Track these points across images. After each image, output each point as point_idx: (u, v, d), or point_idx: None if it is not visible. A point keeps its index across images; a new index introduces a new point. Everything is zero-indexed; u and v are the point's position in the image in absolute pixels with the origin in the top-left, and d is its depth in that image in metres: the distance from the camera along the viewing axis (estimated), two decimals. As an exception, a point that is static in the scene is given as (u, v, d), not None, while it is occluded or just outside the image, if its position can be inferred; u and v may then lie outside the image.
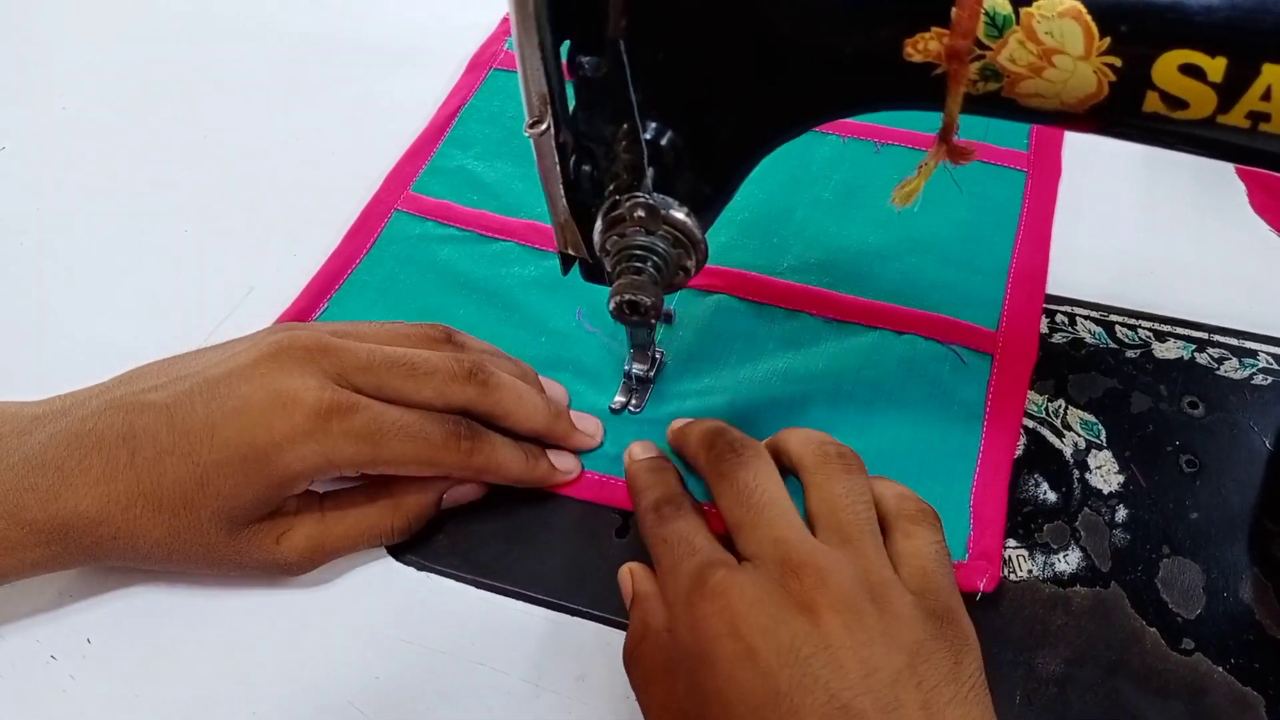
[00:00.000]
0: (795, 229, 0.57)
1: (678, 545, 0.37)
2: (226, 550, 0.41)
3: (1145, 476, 0.46)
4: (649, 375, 0.50)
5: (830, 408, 0.49)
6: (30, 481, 0.39)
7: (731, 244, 0.56)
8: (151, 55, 0.74)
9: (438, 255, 0.57)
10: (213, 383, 0.41)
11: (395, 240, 0.58)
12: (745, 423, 0.45)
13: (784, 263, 0.55)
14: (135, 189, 0.64)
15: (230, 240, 0.60)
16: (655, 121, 0.38)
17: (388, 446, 0.41)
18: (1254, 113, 0.31)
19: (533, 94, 0.36)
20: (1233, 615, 0.42)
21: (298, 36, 0.74)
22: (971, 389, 0.49)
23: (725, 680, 0.32)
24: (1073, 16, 0.31)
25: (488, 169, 0.61)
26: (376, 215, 0.59)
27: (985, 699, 0.33)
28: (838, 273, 0.54)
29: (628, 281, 0.40)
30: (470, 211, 0.59)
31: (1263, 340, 0.51)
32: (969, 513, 0.45)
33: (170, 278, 0.58)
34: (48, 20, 0.79)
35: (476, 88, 0.67)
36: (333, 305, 0.55)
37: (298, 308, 0.55)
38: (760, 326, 0.52)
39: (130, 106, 0.70)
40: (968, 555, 0.43)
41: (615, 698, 0.41)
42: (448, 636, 0.43)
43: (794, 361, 0.51)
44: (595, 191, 0.40)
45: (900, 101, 0.36)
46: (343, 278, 0.56)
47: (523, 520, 0.46)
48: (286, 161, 0.65)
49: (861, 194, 0.59)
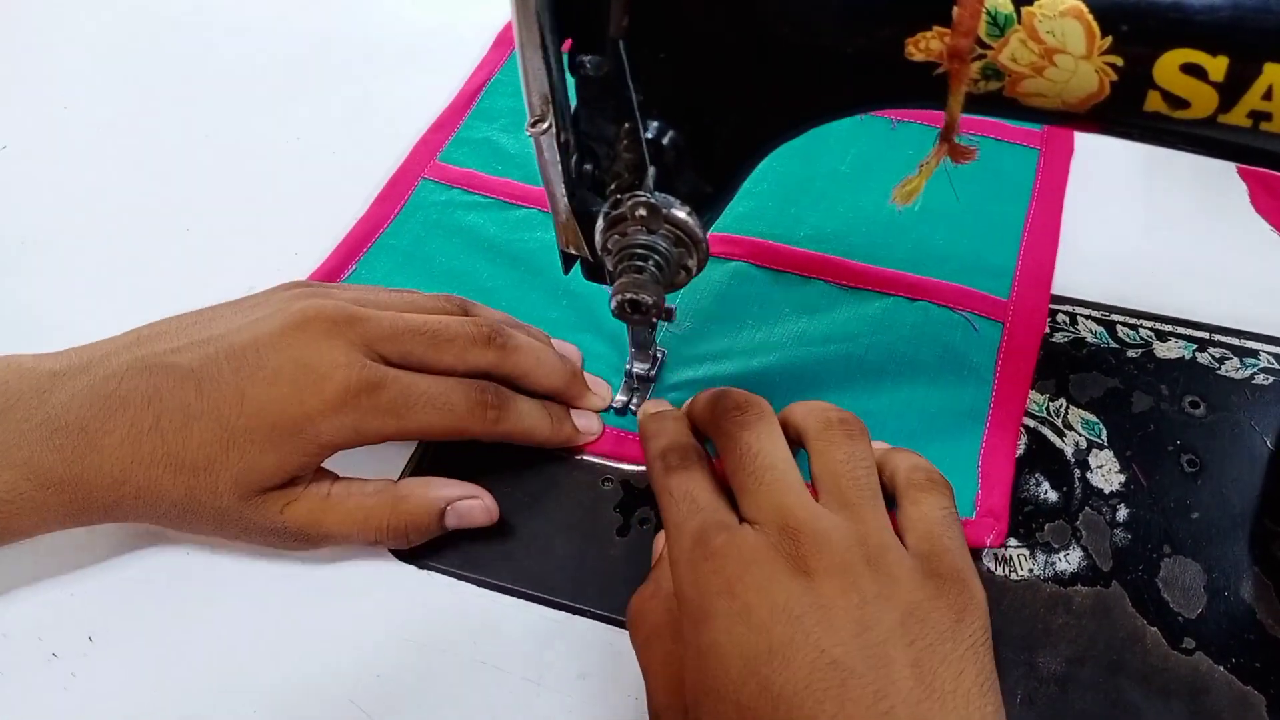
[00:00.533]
0: (812, 200, 0.59)
1: (681, 500, 0.38)
2: (236, 514, 0.42)
3: (1146, 476, 0.46)
4: (650, 374, 0.50)
5: (844, 370, 0.50)
6: (55, 443, 0.40)
7: (750, 214, 0.58)
8: (152, 55, 0.74)
9: (463, 221, 0.59)
10: (239, 350, 0.42)
11: (422, 207, 0.60)
12: (760, 385, 0.46)
13: (800, 232, 0.57)
14: (137, 188, 0.64)
15: (232, 240, 0.60)
16: (656, 121, 0.38)
17: (414, 418, 0.42)
18: (1255, 112, 0.31)
19: (534, 93, 0.36)
20: (1234, 615, 0.42)
21: (299, 34, 0.74)
22: (982, 354, 0.50)
23: (721, 634, 0.33)
24: (1074, 15, 0.31)
25: (512, 141, 0.63)
26: (404, 183, 0.61)
27: (984, 658, 0.33)
28: (853, 242, 0.56)
29: (629, 280, 0.40)
30: (495, 180, 0.61)
31: (1264, 340, 0.51)
32: (977, 471, 0.46)
33: (171, 277, 0.58)
34: (48, 20, 0.79)
35: (501, 64, 0.69)
36: (361, 267, 0.57)
37: (328, 267, 0.57)
38: (776, 292, 0.54)
39: (131, 106, 0.70)
40: (975, 512, 0.44)
41: (617, 696, 0.41)
42: (449, 635, 0.43)
43: (809, 326, 0.52)
44: (597, 190, 0.40)
45: (902, 101, 0.36)
46: (370, 241, 0.58)
47: (523, 519, 0.46)
48: (288, 161, 0.65)
49: (877, 167, 0.60)
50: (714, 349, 0.51)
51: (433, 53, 0.71)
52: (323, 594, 0.44)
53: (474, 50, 0.71)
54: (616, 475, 0.47)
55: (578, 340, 0.52)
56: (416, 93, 0.68)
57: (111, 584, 0.45)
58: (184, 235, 0.61)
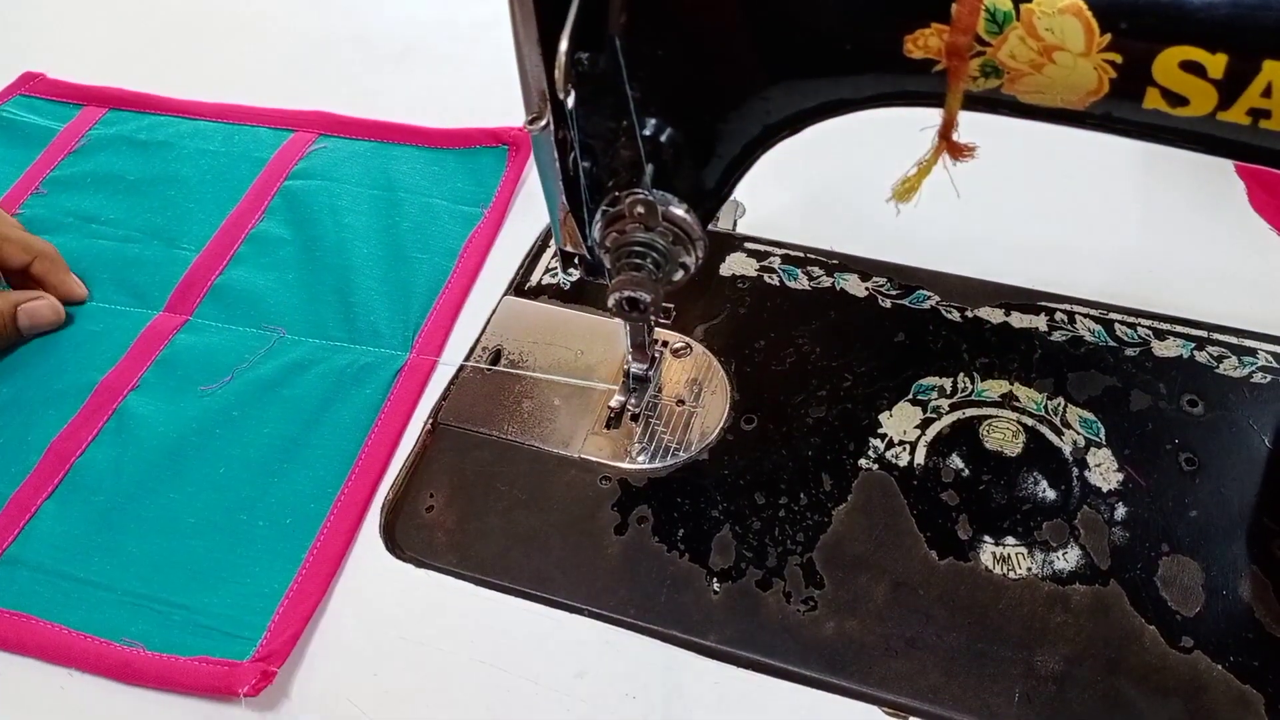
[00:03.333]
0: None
1: None
2: None
3: (1144, 474, 0.46)
4: (647, 374, 0.50)
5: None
6: None
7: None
8: (152, 54, 0.74)
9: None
10: None
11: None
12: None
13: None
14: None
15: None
16: (654, 118, 0.38)
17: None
18: (1254, 109, 0.31)
19: (531, 90, 0.36)
20: (1232, 613, 0.42)
21: (300, 34, 0.74)
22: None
23: None
24: (1073, 13, 0.31)
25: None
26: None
27: None
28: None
29: (627, 278, 0.40)
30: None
31: (1262, 338, 0.51)
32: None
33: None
34: (49, 20, 0.79)
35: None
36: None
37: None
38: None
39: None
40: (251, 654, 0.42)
41: (615, 695, 0.41)
42: (447, 634, 0.43)
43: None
44: (595, 188, 0.40)
45: (900, 98, 0.36)
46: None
47: (522, 518, 0.46)
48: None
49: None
50: None
51: (432, 50, 0.72)
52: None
53: (474, 47, 0.71)
54: (614, 474, 0.47)
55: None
56: (417, 92, 0.68)
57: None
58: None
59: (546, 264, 0.57)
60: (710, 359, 0.52)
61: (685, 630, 0.42)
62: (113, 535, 0.47)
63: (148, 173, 0.64)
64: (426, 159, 0.64)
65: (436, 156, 0.64)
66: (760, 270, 0.56)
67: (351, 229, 0.60)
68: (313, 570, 0.45)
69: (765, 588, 0.43)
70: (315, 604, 0.44)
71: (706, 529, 0.45)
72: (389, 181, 0.63)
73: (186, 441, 0.50)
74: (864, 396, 0.50)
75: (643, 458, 0.48)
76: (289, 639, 0.42)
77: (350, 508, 0.47)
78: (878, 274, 0.55)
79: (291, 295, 0.57)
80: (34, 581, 0.45)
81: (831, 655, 0.41)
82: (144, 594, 0.45)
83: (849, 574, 0.43)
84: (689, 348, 0.52)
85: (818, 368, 0.51)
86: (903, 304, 0.54)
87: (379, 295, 0.56)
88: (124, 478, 0.49)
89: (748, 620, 0.42)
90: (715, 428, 0.49)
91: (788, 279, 0.55)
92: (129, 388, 0.52)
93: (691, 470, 0.47)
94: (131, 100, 0.70)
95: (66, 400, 0.52)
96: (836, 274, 0.55)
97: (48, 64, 0.72)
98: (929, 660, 0.41)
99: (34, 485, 0.49)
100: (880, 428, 0.48)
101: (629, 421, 0.49)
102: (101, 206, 0.62)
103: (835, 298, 0.54)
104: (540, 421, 0.50)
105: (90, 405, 0.52)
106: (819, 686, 0.41)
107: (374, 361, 0.53)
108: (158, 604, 0.44)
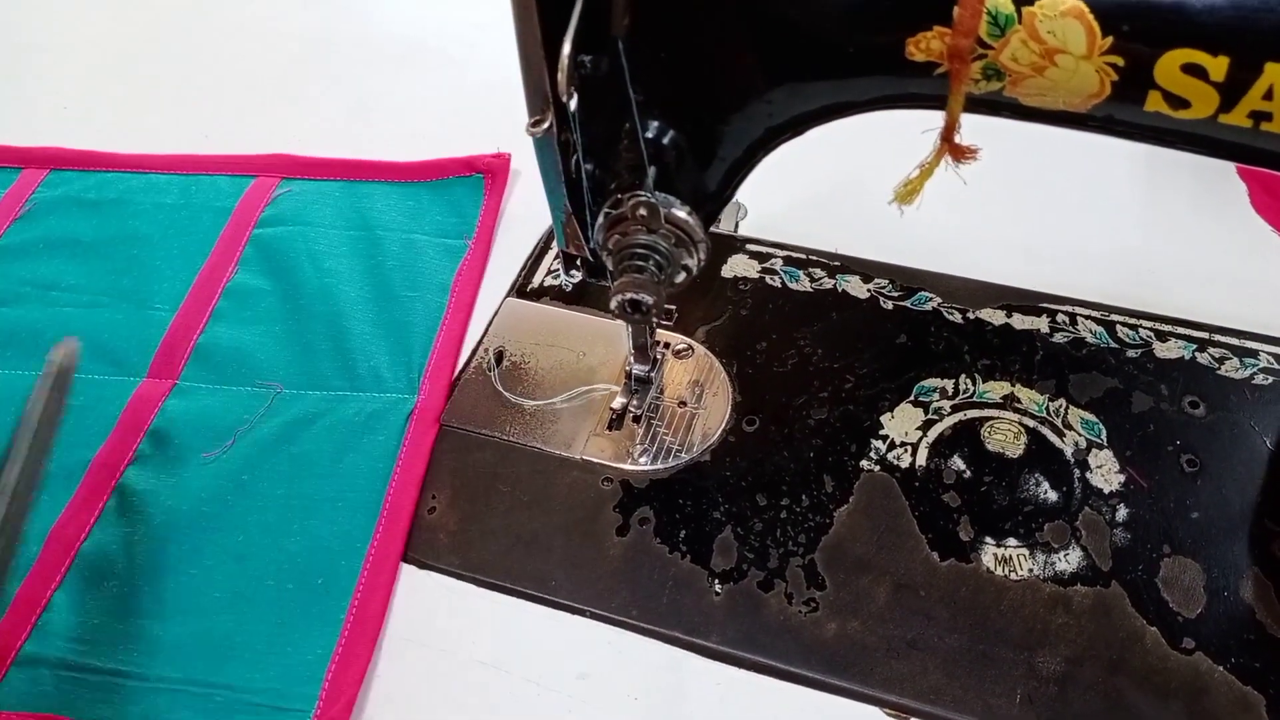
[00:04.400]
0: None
1: None
2: None
3: (1146, 476, 0.46)
4: (649, 375, 0.50)
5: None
6: None
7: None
8: (151, 55, 0.74)
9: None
10: None
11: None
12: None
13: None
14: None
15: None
16: (657, 120, 0.38)
17: None
18: (1256, 112, 0.31)
19: (534, 92, 0.36)
20: (1233, 615, 0.42)
21: (299, 35, 0.74)
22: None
23: None
24: (1075, 16, 0.31)
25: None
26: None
27: None
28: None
29: (629, 280, 0.40)
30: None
31: (1263, 340, 0.51)
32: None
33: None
34: (49, 20, 0.79)
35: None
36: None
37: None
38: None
39: (133, 105, 0.70)
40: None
41: (617, 696, 0.41)
42: (449, 635, 0.43)
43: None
44: (597, 190, 0.40)
45: (902, 100, 0.36)
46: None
47: (524, 520, 0.46)
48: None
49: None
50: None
51: (432, 51, 0.72)
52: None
53: (474, 49, 0.71)
54: (616, 475, 0.47)
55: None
56: (416, 92, 0.68)
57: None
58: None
59: (548, 266, 0.58)
60: (712, 360, 0.52)
61: (687, 631, 0.42)
62: (134, 621, 0.44)
63: (104, 233, 0.61)
64: (400, 194, 0.62)
65: (410, 191, 0.62)
66: (762, 272, 0.56)
67: (334, 273, 0.57)
68: (355, 630, 0.43)
69: (767, 589, 0.43)
70: (366, 664, 0.42)
71: (708, 530, 0.45)
72: (364, 221, 0.60)
73: (197, 513, 0.47)
74: (865, 398, 0.50)
75: (645, 459, 0.48)
76: (345, 705, 0.41)
77: (384, 560, 0.45)
78: (879, 275, 0.55)
79: (282, 348, 0.54)
80: (58, 680, 0.42)
81: (833, 656, 0.41)
82: (180, 679, 0.42)
83: (851, 575, 0.44)
84: (691, 349, 0.52)
85: (819, 369, 0.51)
86: (904, 306, 0.54)
87: (375, 339, 0.54)
88: (135, 559, 0.46)
89: (749, 621, 0.42)
90: (717, 429, 0.49)
91: (789, 280, 0.55)
92: (125, 462, 0.49)
93: (693, 471, 0.47)
94: (74, 159, 0.65)
95: (59, 483, 0.48)
96: (838, 275, 0.55)
97: (48, 65, 0.73)
98: (930, 661, 0.41)
99: (40, 577, 0.45)
100: (882, 429, 0.48)
101: (631, 423, 0.49)
102: (60, 272, 0.59)
103: (837, 299, 0.54)
104: (542, 423, 0.50)
105: (86, 485, 0.48)
106: (820, 688, 0.41)
107: (381, 408, 0.51)
108: (197, 687, 0.42)
